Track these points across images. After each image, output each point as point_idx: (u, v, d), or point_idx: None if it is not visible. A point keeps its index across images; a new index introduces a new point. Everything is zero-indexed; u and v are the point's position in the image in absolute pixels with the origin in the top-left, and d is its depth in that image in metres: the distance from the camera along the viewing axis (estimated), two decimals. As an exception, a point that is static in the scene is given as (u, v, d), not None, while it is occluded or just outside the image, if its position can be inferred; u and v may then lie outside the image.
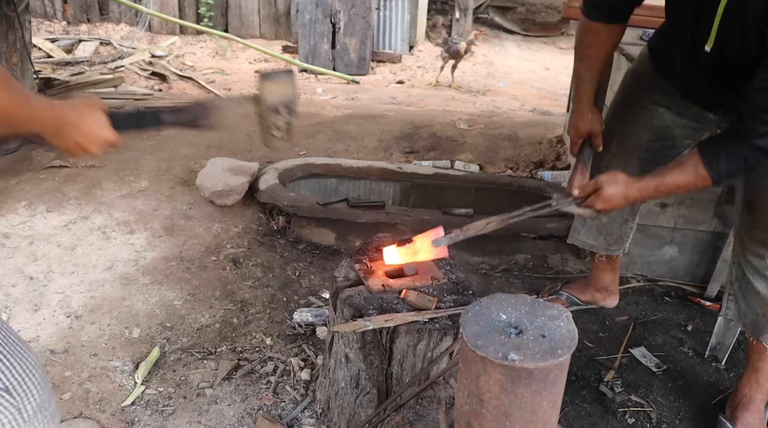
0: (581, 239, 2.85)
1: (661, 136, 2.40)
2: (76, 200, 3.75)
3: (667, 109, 2.33)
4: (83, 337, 2.73)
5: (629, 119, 2.43)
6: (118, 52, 7.43)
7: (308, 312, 2.95)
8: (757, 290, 2.28)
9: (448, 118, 5.64)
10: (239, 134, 4.96)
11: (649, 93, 2.35)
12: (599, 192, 1.96)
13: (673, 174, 1.93)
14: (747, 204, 2.26)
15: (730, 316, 2.47)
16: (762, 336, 2.32)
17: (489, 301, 1.30)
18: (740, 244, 2.32)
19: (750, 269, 2.28)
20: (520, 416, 1.22)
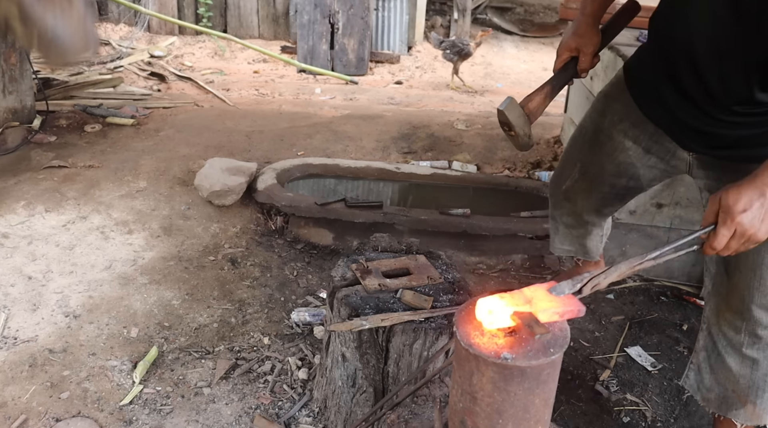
0: (557, 246, 2.69)
1: (625, 173, 2.17)
2: (74, 200, 3.77)
3: (635, 143, 2.08)
4: (82, 336, 2.74)
5: (595, 147, 2.21)
6: (117, 52, 7.43)
7: (306, 312, 2.96)
8: (729, 367, 1.99)
9: (445, 118, 5.65)
10: (238, 134, 4.98)
11: (619, 123, 2.10)
12: (728, 221, 1.48)
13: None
14: (724, 267, 1.96)
15: (687, 386, 2.18)
16: (731, 413, 2.05)
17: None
18: (714, 312, 2.02)
19: (723, 341, 1.99)
20: (513, 414, 1.23)
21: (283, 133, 5.09)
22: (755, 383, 1.99)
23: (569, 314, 1.29)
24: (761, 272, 1.85)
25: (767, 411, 2.03)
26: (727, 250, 1.50)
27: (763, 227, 1.47)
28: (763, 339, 1.93)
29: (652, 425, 2.55)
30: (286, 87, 6.89)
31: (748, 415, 2.03)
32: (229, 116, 5.47)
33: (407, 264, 2.31)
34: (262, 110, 5.83)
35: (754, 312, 1.90)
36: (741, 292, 1.91)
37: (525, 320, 1.21)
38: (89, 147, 4.56)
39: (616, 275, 1.40)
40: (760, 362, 1.96)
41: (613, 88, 2.19)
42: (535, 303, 1.27)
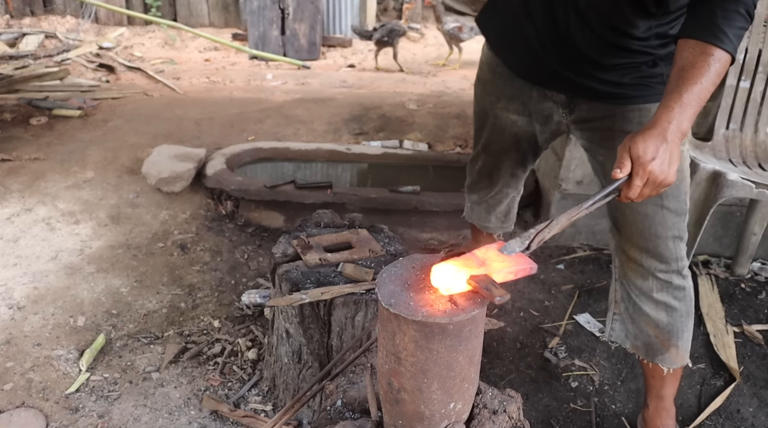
0: (475, 219, 2.68)
1: (522, 140, 2.24)
2: (19, 192, 3.70)
3: (518, 115, 2.16)
4: (26, 327, 2.70)
5: (486, 126, 2.28)
6: (63, 44, 7.30)
7: (256, 294, 2.95)
8: (646, 313, 2.07)
9: (397, 99, 5.65)
10: (187, 121, 4.93)
11: (497, 102, 2.18)
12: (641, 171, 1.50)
13: (691, 79, 1.54)
14: (613, 222, 2.06)
15: (614, 338, 2.22)
16: (657, 358, 2.12)
17: (406, 261, 1.32)
18: (620, 263, 2.10)
19: (634, 290, 2.07)
20: (437, 372, 1.24)
21: (234, 119, 5.05)
22: (674, 326, 2.06)
23: (523, 272, 1.29)
24: (647, 223, 1.94)
25: (687, 351, 2.12)
26: (641, 197, 1.55)
27: (671, 170, 1.52)
28: (670, 282, 2.01)
29: (599, 388, 2.59)
30: (238, 74, 6.83)
31: (672, 358, 2.11)
32: (179, 104, 5.41)
33: (349, 238, 2.31)
34: (212, 97, 5.77)
35: (652, 261, 1.99)
36: (635, 244, 2.00)
37: (482, 283, 1.20)
38: (35, 140, 4.48)
39: (558, 227, 1.42)
40: (673, 304, 2.04)
41: (481, 72, 2.26)
42: (489, 264, 1.26)
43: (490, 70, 2.19)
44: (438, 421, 1.31)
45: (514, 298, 3.10)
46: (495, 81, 2.18)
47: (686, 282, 2.04)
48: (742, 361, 2.76)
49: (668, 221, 1.94)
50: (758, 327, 2.97)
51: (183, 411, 2.36)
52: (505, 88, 2.14)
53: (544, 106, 2.08)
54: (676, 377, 2.22)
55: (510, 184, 2.46)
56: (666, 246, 1.97)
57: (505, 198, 2.52)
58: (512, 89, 2.12)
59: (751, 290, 3.25)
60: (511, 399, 1.47)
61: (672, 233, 1.95)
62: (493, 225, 2.63)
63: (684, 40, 1.61)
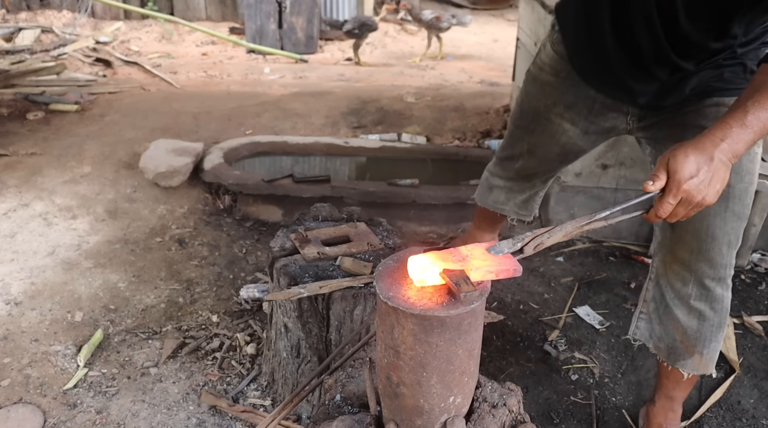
0: (491, 202, 2.63)
1: (570, 150, 2.18)
2: (15, 187, 3.69)
3: (573, 125, 2.07)
4: (23, 323, 2.69)
5: (537, 129, 2.19)
6: (60, 39, 7.27)
7: (255, 288, 2.93)
8: (677, 317, 2.00)
9: (395, 92, 5.64)
10: (185, 116, 4.91)
11: (554, 107, 2.09)
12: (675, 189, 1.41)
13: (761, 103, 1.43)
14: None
15: (638, 336, 2.16)
16: (678, 362, 2.06)
17: (404, 254, 1.31)
18: (662, 263, 2.01)
19: (670, 292, 1.99)
20: (437, 365, 1.23)
21: (231, 113, 5.03)
22: (703, 334, 2.00)
23: (504, 273, 1.24)
24: (707, 223, 1.85)
25: (713, 360, 2.05)
26: (674, 217, 1.45)
27: (711, 192, 1.42)
28: (711, 290, 1.94)
29: (600, 381, 2.58)
30: (235, 68, 6.81)
31: (695, 365, 2.05)
32: (176, 99, 5.40)
33: (347, 232, 2.29)
34: (210, 91, 5.76)
35: (700, 265, 1.91)
36: (687, 244, 1.90)
37: (454, 277, 1.18)
38: (31, 135, 4.46)
39: (562, 234, 1.35)
40: (707, 314, 1.97)
41: (541, 73, 2.14)
42: (469, 261, 1.22)
43: (553, 72, 2.07)
44: (437, 415, 1.30)
45: (513, 291, 3.09)
46: (556, 85, 2.07)
47: (727, 293, 1.96)
48: (743, 353, 2.75)
49: (728, 224, 1.84)
50: (758, 318, 2.96)
51: (181, 407, 2.35)
52: (566, 94, 2.04)
53: (607, 116, 2.00)
54: (691, 382, 2.16)
55: (540, 184, 2.48)
56: (719, 251, 1.87)
57: (530, 189, 2.51)
58: (573, 98, 2.02)
59: (751, 281, 3.24)
60: (511, 392, 1.46)
61: (729, 238, 1.86)
62: (509, 209, 2.60)
63: (766, 65, 1.50)
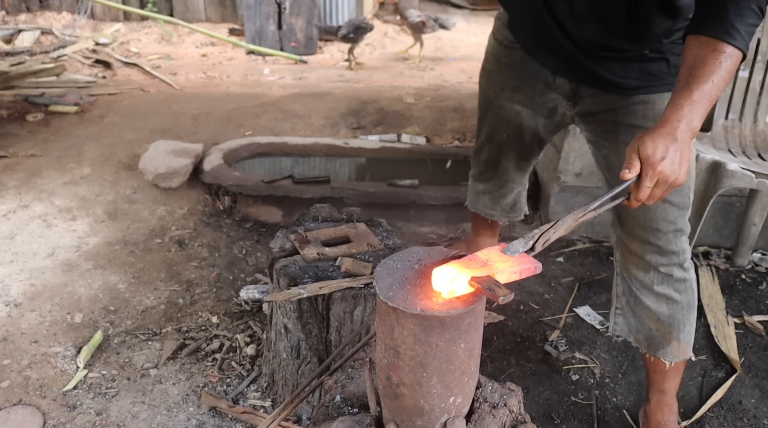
0: (480, 209, 2.67)
1: (525, 132, 2.22)
2: (15, 189, 3.68)
3: (522, 106, 2.15)
4: (23, 325, 2.69)
5: (490, 117, 2.29)
6: (60, 41, 7.27)
7: (255, 289, 2.93)
8: (647, 305, 2.06)
9: (395, 93, 5.63)
10: (184, 117, 4.91)
11: (502, 92, 2.19)
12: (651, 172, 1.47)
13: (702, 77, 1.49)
14: (616, 215, 2.06)
15: (618, 332, 2.20)
16: (659, 352, 2.11)
17: (404, 254, 1.30)
18: (622, 257, 2.08)
19: (636, 282, 2.06)
20: (437, 366, 1.22)
21: (231, 114, 5.02)
22: (675, 318, 2.05)
23: (527, 271, 1.26)
24: (649, 217, 1.93)
25: (690, 344, 2.10)
26: (651, 199, 1.51)
27: (682, 170, 1.48)
28: (671, 275, 2.00)
29: (600, 381, 2.57)
30: (235, 69, 6.80)
31: (674, 352, 2.09)
32: (176, 100, 5.39)
33: (347, 232, 2.29)
34: (209, 92, 5.75)
35: (653, 255, 1.98)
36: (637, 237, 1.98)
37: (485, 284, 1.18)
38: (31, 136, 4.46)
39: (564, 228, 1.38)
40: (673, 296, 2.03)
41: (486, 63, 2.26)
42: (491, 265, 1.23)
43: (495, 60, 2.20)
44: (438, 415, 1.30)
45: (513, 291, 3.07)
46: (500, 71, 2.18)
47: (688, 274, 2.03)
48: (743, 352, 2.74)
49: (670, 215, 1.92)
50: (759, 317, 2.95)
51: (181, 408, 2.35)
52: (510, 78, 2.14)
53: (548, 97, 2.08)
54: (678, 371, 2.20)
55: (515, 178, 2.47)
56: (667, 240, 1.95)
57: (510, 192, 2.53)
58: (517, 80, 2.12)
59: (752, 280, 3.24)
60: (512, 392, 1.45)
61: (674, 227, 1.94)
62: (499, 214, 2.64)
63: (694, 37, 1.56)
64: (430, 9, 9.39)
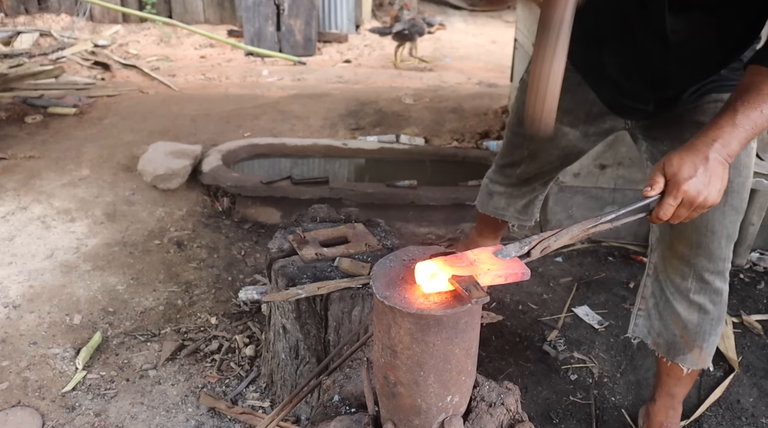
0: (491, 209, 2.63)
1: (571, 152, 2.19)
2: (14, 191, 3.69)
3: (572, 128, 2.09)
4: (22, 326, 2.69)
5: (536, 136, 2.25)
6: (59, 42, 7.28)
7: (253, 290, 2.93)
8: (678, 312, 2.00)
9: (393, 94, 5.64)
10: (183, 118, 4.91)
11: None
12: (675, 191, 1.41)
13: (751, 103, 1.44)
14: None
15: (637, 333, 2.17)
16: (678, 357, 2.07)
17: (401, 254, 1.31)
18: (661, 259, 2.02)
19: (670, 287, 2.00)
20: (434, 365, 1.22)
21: (230, 115, 5.03)
22: (703, 328, 2.01)
23: (513, 277, 1.23)
24: (707, 218, 1.85)
25: (711, 354, 2.07)
26: (676, 218, 1.46)
27: (712, 191, 1.43)
28: (710, 284, 1.95)
29: (599, 381, 2.58)
30: (234, 70, 6.81)
31: (694, 359, 2.06)
32: (175, 101, 5.40)
33: (345, 233, 2.29)
34: (208, 93, 5.76)
35: (700, 259, 1.92)
36: (687, 239, 1.90)
37: (463, 283, 1.18)
38: (30, 138, 4.46)
39: (568, 237, 1.35)
40: (707, 307, 1.98)
41: None
42: (477, 266, 1.21)
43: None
44: (435, 414, 1.30)
45: (512, 291, 3.09)
46: None
47: (725, 287, 1.98)
48: (742, 351, 2.75)
49: (727, 218, 1.85)
50: (757, 317, 2.96)
51: (180, 409, 2.35)
52: (562, 101, 2.01)
53: (606, 118, 2.02)
54: (692, 378, 2.17)
55: (542, 187, 2.46)
56: (719, 244, 1.89)
57: (530, 193, 2.49)
58: (570, 103, 2.00)
59: (750, 280, 3.24)
60: (509, 391, 1.45)
61: (727, 231, 1.88)
62: (510, 214, 2.59)
63: (753, 66, 1.50)
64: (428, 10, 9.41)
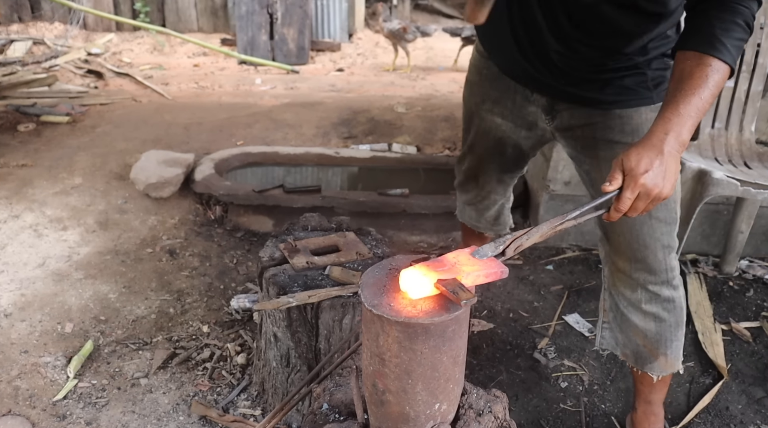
0: (467, 220, 2.64)
1: (505, 144, 2.20)
2: (6, 199, 3.69)
3: (503, 119, 2.12)
4: (13, 335, 2.69)
5: (472, 127, 2.26)
6: (52, 51, 7.28)
7: (245, 298, 2.94)
8: (634, 323, 2.05)
9: (386, 102, 5.66)
10: (176, 127, 4.92)
11: (482, 104, 2.16)
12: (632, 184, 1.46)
13: (689, 90, 1.50)
14: (603, 232, 2.04)
15: (605, 345, 2.20)
16: (646, 366, 2.11)
17: (390, 262, 1.32)
18: (609, 273, 2.08)
19: (623, 300, 2.05)
20: (422, 373, 1.23)
21: (223, 124, 5.04)
22: (662, 336, 2.05)
23: (493, 276, 1.26)
24: (635, 233, 1.91)
25: (678, 358, 2.10)
26: (634, 211, 1.50)
27: (667, 184, 1.48)
28: (658, 294, 1.99)
29: (589, 388, 2.59)
30: (227, 79, 6.83)
31: (661, 366, 2.09)
32: (168, 110, 5.41)
33: (336, 241, 2.30)
34: (201, 102, 5.77)
35: (640, 273, 1.97)
36: (624, 254, 1.96)
37: (449, 286, 1.19)
38: (22, 146, 4.47)
39: (538, 235, 1.38)
40: (662, 315, 2.02)
41: (469, 74, 2.24)
42: (458, 268, 1.23)
43: (477, 71, 2.18)
44: (423, 422, 1.31)
45: (503, 299, 3.10)
46: (481, 83, 2.16)
47: (676, 293, 2.01)
48: (731, 359, 2.77)
49: (657, 231, 1.90)
50: (746, 324, 2.98)
51: (172, 417, 2.36)
52: (491, 90, 2.13)
53: (527, 111, 2.06)
54: (665, 383, 2.21)
55: (497, 190, 2.45)
56: (655, 257, 1.93)
57: (493, 204, 2.50)
58: (497, 92, 2.10)
59: (739, 287, 3.26)
60: (497, 399, 1.47)
61: (661, 243, 1.92)
62: (484, 226, 2.60)
63: (682, 52, 1.57)
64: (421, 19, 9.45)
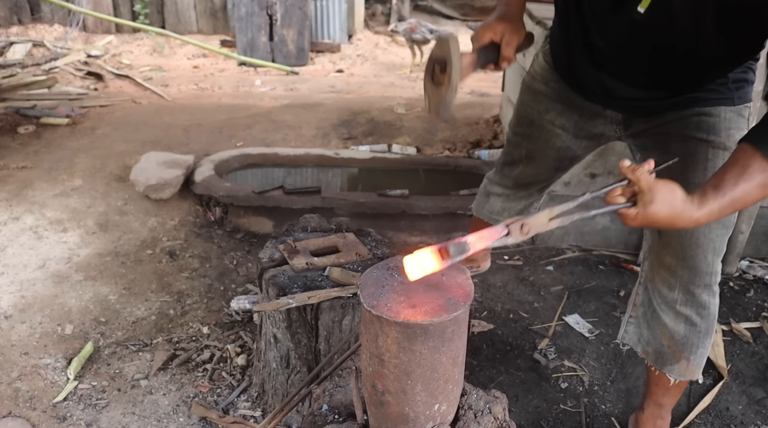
0: (485, 213, 2.61)
1: (565, 155, 2.20)
2: (6, 201, 3.69)
3: (564, 130, 2.11)
4: (13, 336, 2.69)
5: (533, 136, 2.22)
6: (51, 53, 7.29)
7: (245, 300, 2.94)
8: (664, 322, 2.01)
9: (386, 103, 5.66)
10: (176, 128, 4.92)
11: (546, 114, 2.13)
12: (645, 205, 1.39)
13: (736, 186, 1.42)
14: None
15: (626, 340, 2.17)
16: (666, 367, 2.07)
17: (388, 263, 1.32)
18: (650, 268, 2.03)
19: (657, 297, 2.01)
20: (421, 373, 1.23)
21: (222, 125, 5.04)
22: (690, 340, 2.01)
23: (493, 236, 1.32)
24: (692, 231, 1.86)
25: (700, 366, 2.06)
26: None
27: (660, 225, 1.42)
28: (697, 297, 1.95)
29: (589, 389, 2.59)
30: (226, 80, 6.83)
31: (681, 370, 2.06)
32: (168, 111, 5.41)
33: (336, 242, 2.30)
34: (201, 103, 5.77)
35: (685, 272, 1.93)
36: (673, 250, 1.92)
37: (445, 245, 1.24)
38: (22, 148, 4.47)
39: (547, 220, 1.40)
40: (694, 319, 1.98)
41: (533, 82, 2.18)
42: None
43: (544, 82, 2.12)
44: (423, 423, 1.31)
45: (503, 300, 3.10)
46: (547, 93, 2.11)
47: (713, 300, 1.97)
48: (731, 359, 2.76)
49: (713, 232, 1.86)
50: (746, 324, 2.98)
51: (172, 418, 2.36)
52: (557, 102, 2.09)
53: (595, 123, 2.03)
54: (680, 389, 2.18)
55: (539, 192, 2.47)
56: (705, 258, 1.89)
57: (526, 199, 2.49)
58: (563, 105, 2.06)
59: (740, 288, 3.26)
60: (497, 399, 1.47)
61: (713, 245, 1.88)
62: (505, 219, 2.57)
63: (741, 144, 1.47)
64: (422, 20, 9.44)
